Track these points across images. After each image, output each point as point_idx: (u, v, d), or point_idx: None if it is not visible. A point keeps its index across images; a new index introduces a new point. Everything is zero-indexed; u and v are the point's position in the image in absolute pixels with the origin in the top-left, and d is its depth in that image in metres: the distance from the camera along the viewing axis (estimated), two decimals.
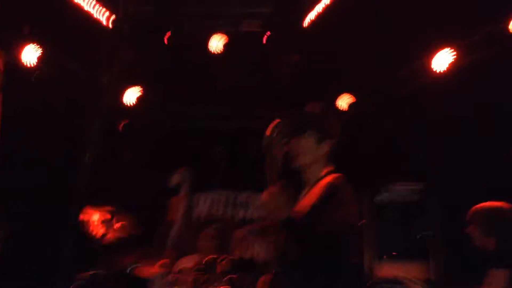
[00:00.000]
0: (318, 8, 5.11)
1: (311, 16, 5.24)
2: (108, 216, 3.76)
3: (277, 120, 2.37)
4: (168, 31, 5.59)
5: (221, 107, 7.19)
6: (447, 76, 4.67)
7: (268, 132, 2.38)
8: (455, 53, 4.55)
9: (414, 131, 5.12)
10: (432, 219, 4.63)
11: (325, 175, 2.61)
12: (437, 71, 4.71)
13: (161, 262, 4.70)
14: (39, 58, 5.36)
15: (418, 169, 4.70)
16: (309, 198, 2.56)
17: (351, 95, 6.00)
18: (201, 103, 7.15)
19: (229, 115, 7.22)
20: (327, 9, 5.05)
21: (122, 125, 5.73)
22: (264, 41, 5.73)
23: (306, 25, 5.35)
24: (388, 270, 2.55)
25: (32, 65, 5.30)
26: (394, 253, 2.47)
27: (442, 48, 4.64)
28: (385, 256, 2.60)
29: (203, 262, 4.42)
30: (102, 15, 5.18)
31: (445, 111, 4.71)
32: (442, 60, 4.67)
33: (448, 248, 4.54)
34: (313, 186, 2.60)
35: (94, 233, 3.43)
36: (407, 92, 5.28)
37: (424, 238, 4.07)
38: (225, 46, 5.69)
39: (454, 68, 4.60)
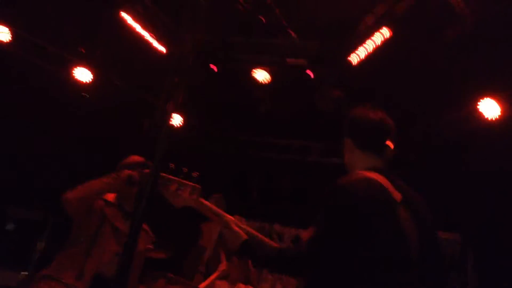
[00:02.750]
0: (368, 47, 5.10)
1: (360, 54, 5.24)
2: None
3: None
4: (218, 58, 5.71)
5: (260, 137, 7.26)
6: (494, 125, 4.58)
7: None
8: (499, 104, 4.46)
9: (451, 180, 5.00)
10: (466, 271, 4.51)
11: None
12: (485, 118, 4.62)
13: None
14: (92, 79, 5.62)
15: (454, 220, 4.59)
16: None
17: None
18: (240, 131, 7.26)
19: (267, 145, 7.28)
20: (375, 49, 5.04)
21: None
22: (310, 75, 5.76)
23: (355, 63, 5.35)
24: None
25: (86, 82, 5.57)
26: None
27: (488, 96, 4.56)
28: None
29: None
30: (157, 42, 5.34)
31: (487, 163, 4.59)
32: (488, 108, 4.59)
33: None
34: None
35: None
36: (446, 141, 5.19)
37: None
38: (271, 77, 5.77)
39: (497, 119, 4.50)
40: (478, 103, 4.60)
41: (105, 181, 3.13)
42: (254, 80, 5.84)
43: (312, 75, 5.58)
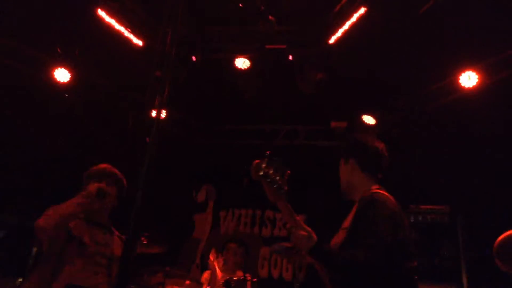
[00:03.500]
0: (345, 26, 5.12)
1: (338, 33, 5.26)
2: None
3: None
4: (197, 49, 5.69)
5: (245, 124, 7.28)
6: (473, 95, 4.66)
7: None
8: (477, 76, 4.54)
9: (439, 151, 5.08)
10: (457, 241, 4.60)
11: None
12: (465, 87, 4.70)
13: (187, 282, 4.75)
14: (70, 78, 5.56)
15: (444, 191, 4.67)
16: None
17: (374, 113, 6.02)
18: (225, 120, 7.27)
19: (253, 131, 7.30)
20: (353, 26, 5.06)
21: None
22: (290, 58, 5.77)
23: (332, 42, 5.37)
24: None
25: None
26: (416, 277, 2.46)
27: (468, 67, 4.63)
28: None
29: (233, 279, 4.43)
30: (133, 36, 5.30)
31: (471, 130, 4.67)
32: (469, 78, 4.67)
33: (473, 269, 4.51)
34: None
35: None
36: (431, 109, 5.26)
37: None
38: (251, 63, 5.76)
39: (481, 86, 4.58)
40: (459, 75, 4.67)
41: (76, 202, 3.02)
42: (236, 69, 5.84)
43: (292, 59, 5.60)
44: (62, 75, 5.56)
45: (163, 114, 1.94)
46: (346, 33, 5.16)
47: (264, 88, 6.15)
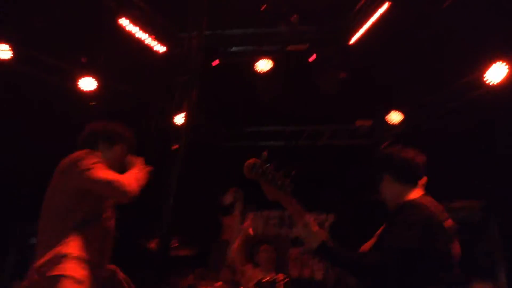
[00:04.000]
0: (367, 24, 5.08)
1: (360, 31, 5.23)
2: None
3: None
4: (217, 53, 5.73)
5: (268, 126, 7.28)
6: (502, 88, 4.57)
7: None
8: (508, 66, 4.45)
9: (470, 146, 5.00)
10: (491, 237, 4.52)
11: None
12: (491, 84, 4.62)
13: (219, 283, 4.76)
14: (97, 86, 5.64)
15: (478, 186, 4.59)
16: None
17: (400, 111, 5.97)
18: (248, 122, 7.28)
19: (276, 133, 7.30)
20: (375, 24, 5.02)
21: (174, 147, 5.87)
22: (311, 59, 5.77)
23: (354, 40, 5.34)
24: None
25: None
26: None
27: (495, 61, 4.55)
28: None
29: (263, 281, 4.44)
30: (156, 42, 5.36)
31: (504, 123, 4.59)
32: (496, 72, 4.59)
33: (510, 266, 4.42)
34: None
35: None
36: (459, 106, 5.19)
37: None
38: (272, 66, 5.78)
39: (510, 79, 4.49)
40: (486, 68, 4.59)
41: (141, 172, 2.97)
42: (257, 71, 5.86)
43: (314, 59, 5.59)
44: (87, 84, 5.65)
45: (188, 118, 1.96)
46: (368, 31, 5.14)
47: (286, 89, 6.15)
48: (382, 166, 2.74)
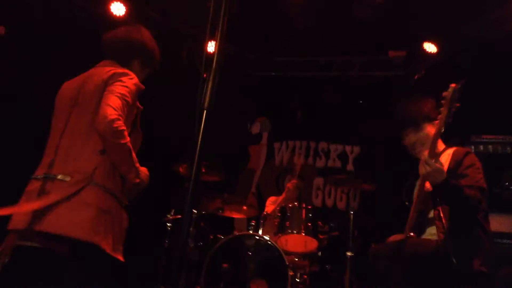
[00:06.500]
0: None
1: None
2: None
3: None
4: None
5: (298, 57, 7.15)
6: None
7: None
8: None
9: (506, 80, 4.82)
10: None
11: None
12: None
13: (245, 207, 4.93)
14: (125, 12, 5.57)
15: (507, 121, 4.48)
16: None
17: (434, 41, 5.74)
18: (279, 52, 7.16)
19: (307, 62, 7.18)
20: None
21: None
22: None
23: None
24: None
25: None
26: None
27: None
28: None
29: (288, 207, 4.57)
30: None
31: None
32: None
33: None
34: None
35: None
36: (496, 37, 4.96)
37: None
38: None
39: None
40: None
41: None
42: None
43: None
44: (117, 9, 5.62)
45: (219, 46, 1.94)
46: None
47: (319, 17, 5.96)
48: (407, 119, 3.05)
